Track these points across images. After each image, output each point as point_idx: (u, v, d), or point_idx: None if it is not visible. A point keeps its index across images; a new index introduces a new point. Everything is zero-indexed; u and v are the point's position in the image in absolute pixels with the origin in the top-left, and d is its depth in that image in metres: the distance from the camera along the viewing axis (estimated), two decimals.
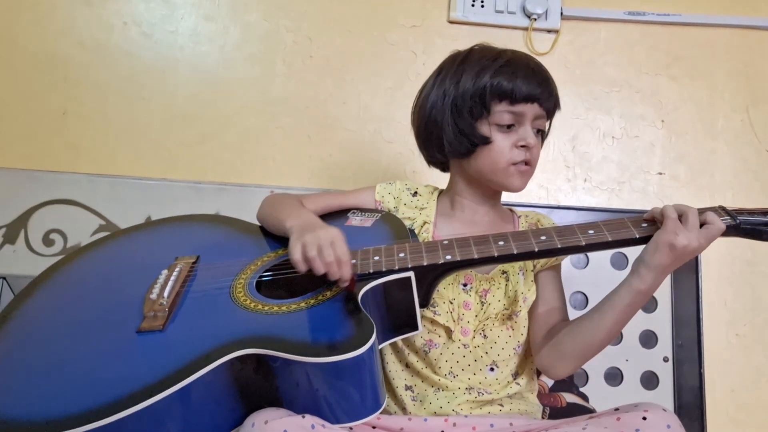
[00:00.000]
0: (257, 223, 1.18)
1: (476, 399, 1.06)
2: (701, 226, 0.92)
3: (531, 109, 1.06)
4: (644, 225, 0.95)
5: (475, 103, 1.06)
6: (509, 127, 1.06)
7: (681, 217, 0.92)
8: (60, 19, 1.63)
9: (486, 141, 1.06)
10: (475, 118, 1.06)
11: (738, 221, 0.92)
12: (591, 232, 0.95)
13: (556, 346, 1.05)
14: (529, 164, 1.08)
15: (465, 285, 1.08)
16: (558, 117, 1.12)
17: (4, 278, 1.49)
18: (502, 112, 1.06)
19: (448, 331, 1.07)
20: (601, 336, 1.01)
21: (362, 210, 1.17)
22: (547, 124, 1.12)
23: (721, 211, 0.94)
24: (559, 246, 0.95)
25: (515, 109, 1.05)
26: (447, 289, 1.07)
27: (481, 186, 1.13)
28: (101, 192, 1.55)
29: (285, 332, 0.87)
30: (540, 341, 1.09)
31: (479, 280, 1.08)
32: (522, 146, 1.06)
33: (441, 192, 1.21)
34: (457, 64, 1.10)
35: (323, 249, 0.91)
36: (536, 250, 0.95)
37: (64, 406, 0.81)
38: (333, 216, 1.16)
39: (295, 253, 0.93)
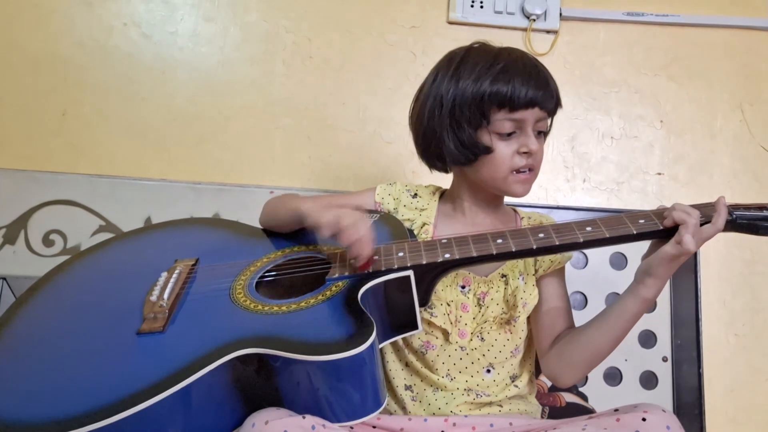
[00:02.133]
0: (256, 225, 1.19)
1: (474, 401, 1.06)
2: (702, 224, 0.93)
3: (531, 114, 1.03)
4: (641, 221, 0.95)
5: (474, 112, 1.03)
6: (510, 134, 1.04)
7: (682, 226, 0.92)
8: (60, 20, 1.63)
9: (488, 151, 1.04)
10: (474, 128, 1.04)
11: (734, 216, 0.93)
12: (589, 228, 0.96)
13: (564, 356, 1.05)
14: (533, 169, 1.06)
15: (463, 287, 1.08)
16: (557, 117, 1.12)
17: (4, 279, 1.49)
18: (502, 120, 1.03)
19: (445, 333, 1.07)
20: (609, 344, 1.02)
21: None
22: (549, 122, 1.10)
23: None
24: (557, 243, 0.95)
25: (515, 116, 1.02)
26: (445, 291, 1.06)
27: (484, 191, 1.11)
28: (101, 192, 1.55)
29: (285, 331, 0.87)
30: (546, 350, 1.09)
31: (477, 282, 1.08)
32: (524, 153, 1.04)
33: (443, 192, 1.20)
34: (453, 69, 1.06)
35: (349, 225, 0.94)
36: (534, 247, 0.95)
37: (65, 407, 0.81)
38: None
39: (327, 217, 0.95)
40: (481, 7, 1.67)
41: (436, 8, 1.69)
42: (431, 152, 1.10)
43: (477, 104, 1.02)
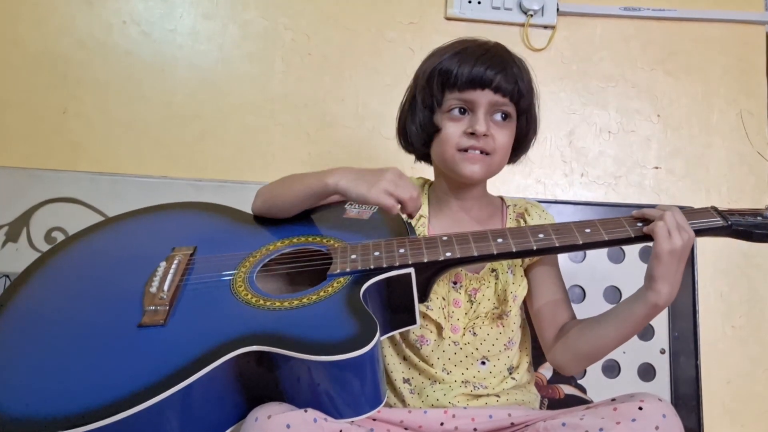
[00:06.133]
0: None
1: (472, 392, 1.07)
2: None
3: (483, 96, 1.04)
4: (639, 224, 0.96)
5: (427, 94, 1.07)
6: (463, 113, 1.06)
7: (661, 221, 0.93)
8: (60, 18, 1.63)
9: (436, 129, 1.07)
10: (430, 110, 1.08)
11: (729, 222, 0.94)
12: (588, 230, 0.96)
13: (571, 348, 1.06)
14: (487, 152, 1.06)
15: (455, 283, 1.09)
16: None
17: (7, 276, 1.50)
18: (450, 100, 1.05)
19: (439, 328, 1.08)
20: (616, 342, 1.03)
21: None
22: (513, 109, 1.08)
23: (713, 211, 0.96)
24: (557, 244, 0.96)
25: (464, 96, 1.04)
26: (438, 286, 1.07)
27: (450, 177, 1.12)
28: (102, 190, 1.56)
29: (288, 329, 0.87)
30: (551, 341, 1.10)
31: (469, 279, 1.09)
32: (470, 133, 1.05)
33: (431, 184, 1.20)
34: (425, 58, 1.11)
35: (399, 186, 0.96)
36: (534, 248, 0.96)
37: (67, 404, 0.80)
38: (330, 206, 1.16)
39: (378, 196, 0.96)
40: (479, 2, 1.68)
41: (434, 4, 1.69)
42: (405, 138, 1.14)
43: (429, 86, 1.06)
